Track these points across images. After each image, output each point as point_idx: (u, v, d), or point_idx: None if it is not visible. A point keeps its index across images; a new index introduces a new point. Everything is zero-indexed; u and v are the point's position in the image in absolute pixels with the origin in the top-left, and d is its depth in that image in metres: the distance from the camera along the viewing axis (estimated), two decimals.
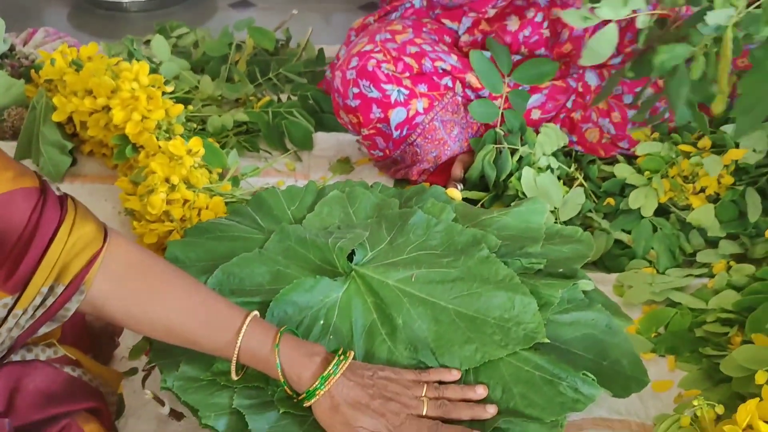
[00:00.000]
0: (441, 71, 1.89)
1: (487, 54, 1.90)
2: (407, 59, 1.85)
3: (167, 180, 1.69)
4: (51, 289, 1.11)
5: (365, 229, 1.41)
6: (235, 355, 1.18)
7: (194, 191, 1.71)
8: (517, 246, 1.38)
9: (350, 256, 1.34)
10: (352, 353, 1.21)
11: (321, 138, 2.10)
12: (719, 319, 1.49)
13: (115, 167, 1.97)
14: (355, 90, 1.83)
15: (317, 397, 1.17)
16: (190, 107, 2.08)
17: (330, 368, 1.17)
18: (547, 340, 1.23)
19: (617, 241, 1.74)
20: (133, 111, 1.79)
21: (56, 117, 1.94)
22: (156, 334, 1.21)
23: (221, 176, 1.87)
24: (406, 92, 1.83)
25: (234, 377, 1.21)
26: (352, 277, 1.31)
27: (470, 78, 1.89)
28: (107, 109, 1.84)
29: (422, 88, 1.86)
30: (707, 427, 1.14)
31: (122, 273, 1.16)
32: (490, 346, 1.23)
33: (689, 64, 1.41)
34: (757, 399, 1.08)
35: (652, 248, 1.70)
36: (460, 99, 1.91)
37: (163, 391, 1.27)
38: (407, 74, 1.85)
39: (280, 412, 1.20)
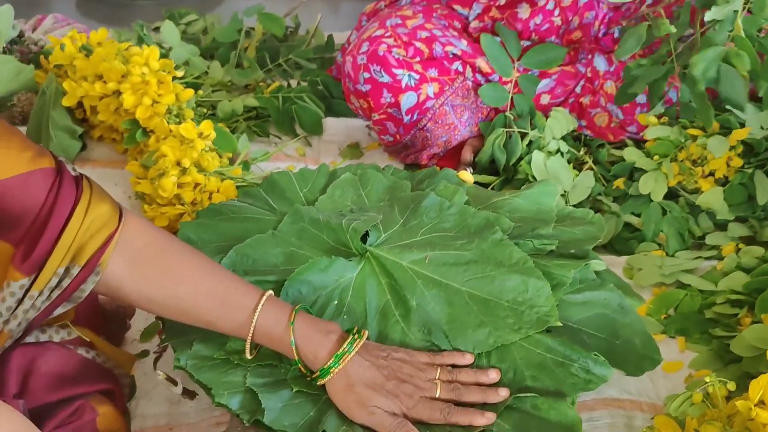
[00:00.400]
0: (451, 56, 1.89)
1: (497, 39, 1.91)
2: (418, 44, 1.86)
3: (178, 163, 1.69)
4: (67, 270, 1.11)
5: (378, 212, 1.40)
6: (251, 335, 1.17)
7: (205, 175, 1.71)
8: (528, 228, 1.38)
9: (363, 238, 1.34)
10: (366, 332, 1.20)
11: (331, 123, 2.11)
12: (729, 300, 1.50)
13: (125, 152, 1.98)
14: (366, 75, 1.84)
15: (331, 375, 1.16)
16: (200, 92, 2.08)
17: (345, 346, 1.16)
18: (560, 324, 1.22)
19: (627, 224, 1.74)
20: (143, 95, 1.80)
21: (66, 102, 1.94)
22: (171, 314, 1.21)
23: (231, 161, 1.87)
24: (417, 77, 1.84)
25: (248, 356, 1.20)
26: (367, 258, 1.31)
27: (480, 63, 1.90)
28: (117, 93, 1.85)
29: (433, 72, 1.86)
30: (719, 404, 1.15)
31: (138, 253, 1.16)
32: (503, 330, 1.22)
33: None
34: None
35: (662, 231, 1.71)
36: (470, 83, 1.91)
37: (176, 370, 1.27)
38: (418, 59, 1.85)
39: (294, 390, 1.19)
